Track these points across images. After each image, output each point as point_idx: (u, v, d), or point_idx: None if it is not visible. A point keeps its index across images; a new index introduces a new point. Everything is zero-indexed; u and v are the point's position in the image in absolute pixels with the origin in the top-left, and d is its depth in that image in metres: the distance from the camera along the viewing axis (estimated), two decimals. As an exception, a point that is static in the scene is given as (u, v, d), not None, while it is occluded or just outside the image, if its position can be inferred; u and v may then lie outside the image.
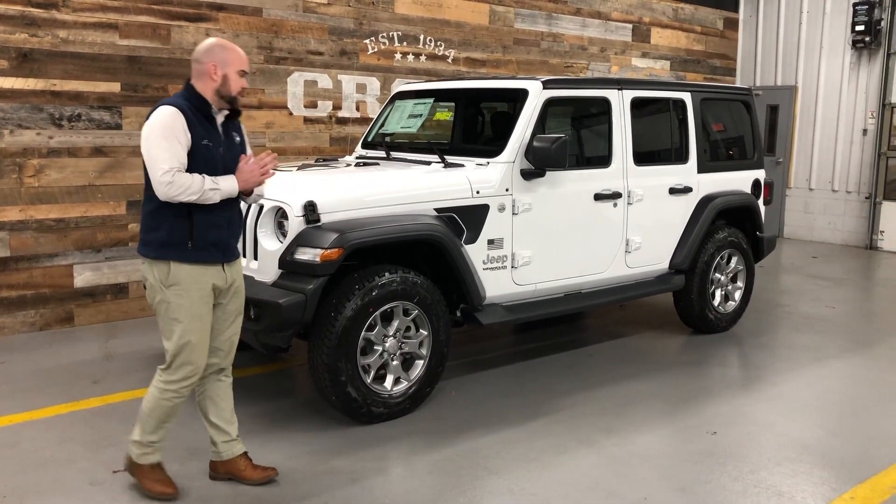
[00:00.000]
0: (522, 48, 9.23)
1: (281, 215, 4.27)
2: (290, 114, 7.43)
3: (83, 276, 6.36)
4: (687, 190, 5.93)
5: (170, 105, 3.26)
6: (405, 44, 8.17)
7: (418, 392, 4.48)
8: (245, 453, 3.70)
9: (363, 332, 4.19)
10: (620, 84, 5.53)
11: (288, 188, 4.39)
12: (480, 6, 8.76)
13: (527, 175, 4.92)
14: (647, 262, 5.75)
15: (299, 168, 4.98)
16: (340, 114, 7.79)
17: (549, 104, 5.08)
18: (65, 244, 6.25)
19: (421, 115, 5.67)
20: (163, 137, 3.20)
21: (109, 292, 6.51)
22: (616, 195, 5.43)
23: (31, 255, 6.12)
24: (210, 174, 3.30)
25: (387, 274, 4.26)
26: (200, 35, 6.75)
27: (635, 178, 5.56)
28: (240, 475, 3.66)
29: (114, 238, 6.46)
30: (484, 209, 4.76)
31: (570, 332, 6.34)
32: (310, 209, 4.15)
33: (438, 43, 8.42)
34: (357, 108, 7.90)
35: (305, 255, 4.05)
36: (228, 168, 3.40)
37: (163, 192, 3.20)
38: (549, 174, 4.96)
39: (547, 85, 5.07)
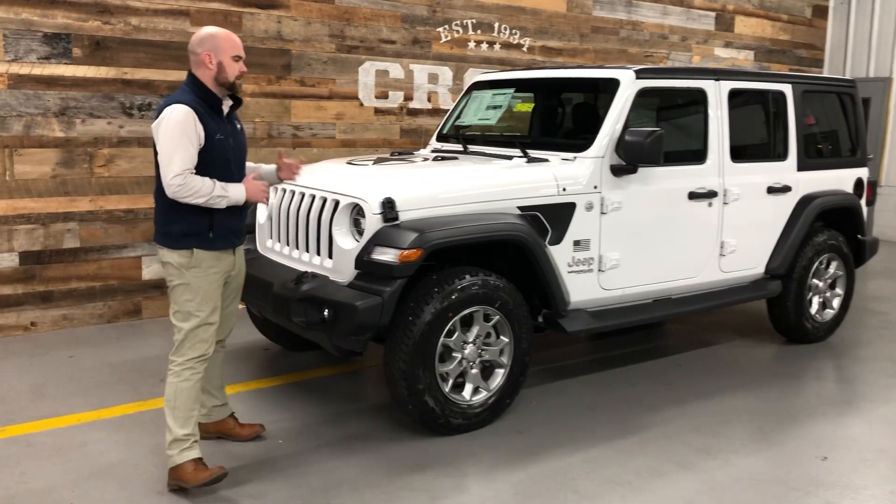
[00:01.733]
0: (600, 36, 8.83)
1: (357, 212, 4.02)
2: (361, 105, 7.20)
3: (151, 269, 6.25)
4: (786, 189, 5.49)
5: (182, 104, 3.31)
6: (479, 32, 7.86)
7: (498, 402, 4.19)
8: (232, 414, 3.97)
9: (442, 338, 3.93)
10: (717, 74, 5.14)
11: (365, 184, 4.14)
12: (558, -7, 8.40)
13: (617, 171, 4.58)
14: (742, 267, 5.34)
15: (375, 162, 4.73)
16: (412, 105, 7.54)
17: (641, 95, 4.72)
18: (133, 236, 6.15)
19: (500, 107, 5.36)
20: (177, 139, 3.26)
21: (177, 285, 6.38)
22: (711, 194, 5.04)
23: (101, 246, 6.03)
24: (223, 167, 3.41)
25: (467, 276, 3.98)
26: (272, 23, 6.57)
27: (732, 175, 5.16)
28: (230, 433, 3.94)
29: (182, 230, 6.32)
30: (570, 208, 4.44)
31: (653, 338, 5.98)
32: (388, 207, 3.89)
33: (514, 31, 8.09)
34: (428, 99, 7.64)
35: (383, 255, 3.80)
36: (237, 159, 3.53)
37: (172, 192, 3.29)
38: (640, 171, 4.61)
39: (640, 74, 4.71)
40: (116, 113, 5.96)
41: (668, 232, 4.89)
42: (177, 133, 3.27)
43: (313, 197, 4.27)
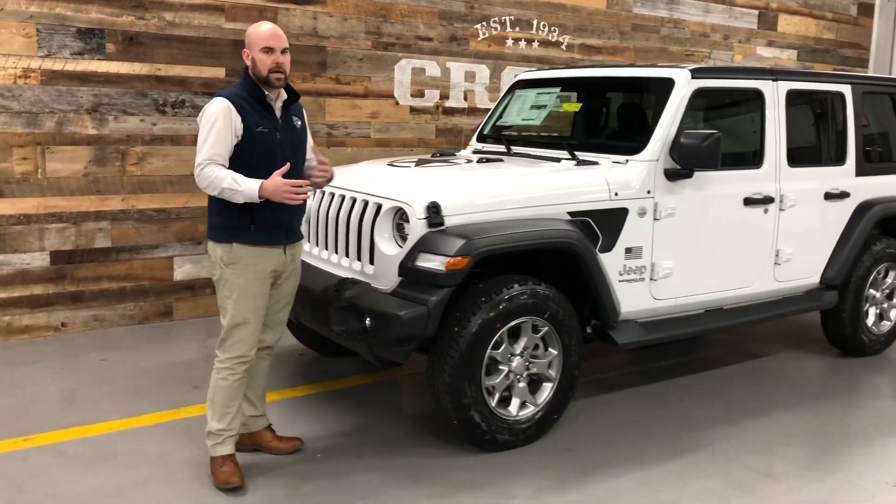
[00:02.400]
0: (641, 34, 8.58)
1: (401, 217, 3.84)
2: (397, 103, 7.02)
3: (183, 269, 6.13)
4: (843, 195, 5.23)
5: (221, 97, 3.32)
6: (517, 29, 7.65)
7: (545, 418, 3.99)
8: (270, 426, 3.81)
9: (488, 351, 3.74)
10: (775, 74, 4.90)
11: (408, 187, 3.96)
12: (598, -11, 8.16)
13: (671, 176, 4.36)
14: (797, 276, 5.10)
15: (417, 163, 4.54)
16: (448, 104, 7.34)
17: (696, 95, 4.50)
18: (165, 235, 6.03)
19: (545, 107, 5.15)
20: (208, 130, 3.26)
21: (209, 286, 6.26)
22: (767, 200, 4.80)
23: (132, 246, 5.91)
24: (267, 161, 3.31)
25: (516, 286, 3.78)
26: (308, 19, 6.41)
27: (788, 180, 4.91)
28: (267, 446, 3.77)
29: (214, 230, 6.18)
30: (622, 213, 4.23)
31: (699, 348, 5.74)
32: (433, 211, 3.71)
33: (552, 28, 7.87)
34: (465, 98, 7.44)
35: (428, 262, 3.61)
36: (287, 154, 3.40)
37: (196, 181, 3.31)
38: (695, 175, 4.39)
39: (696, 74, 4.49)
40: (149, 110, 5.83)
41: (722, 239, 4.66)
42: (208, 124, 3.27)
43: (354, 200, 4.10)
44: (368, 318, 3.65)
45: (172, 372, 4.86)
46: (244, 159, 3.32)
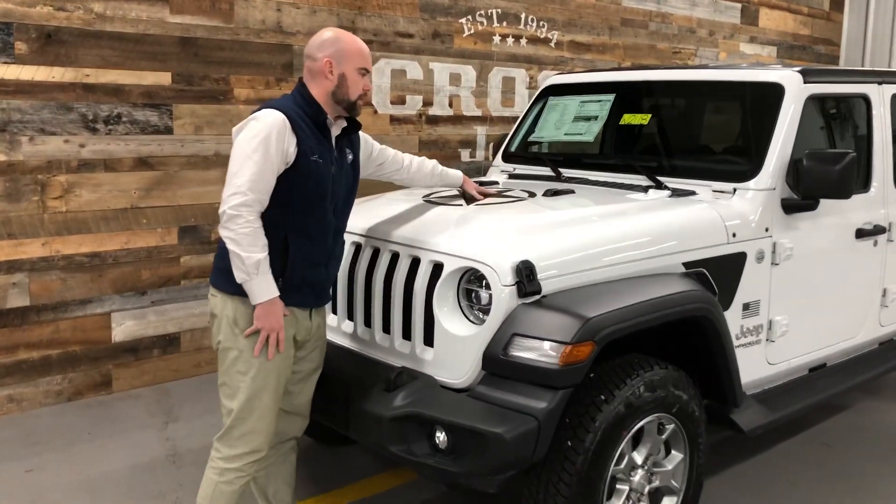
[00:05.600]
0: (630, 30, 7.70)
1: (470, 280, 2.74)
2: (375, 112, 5.88)
3: (123, 327, 4.82)
4: (942, 218, 4.43)
5: (275, 109, 2.62)
6: (504, 24, 6.63)
7: (669, 542, 2.98)
8: None
9: (611, 467, 2.68)
10: (880, 76, 4.04)
11: (478, 238, 2.85)
12: (588, -22, 7.22)
13: (790, 208, 3.42)
14: (900, 319, 4.27)
15: (468, 200, 3.41)
16: (431, 111, 6.25)
17: (808, 105, 3.57)
18: (100, 286, 4.71)
19: (596, 118, 4.13)
20: (251, 149, 2.54)
21: (157, 346, 4.98)
22: (878, 230, 3.93)
23: (58, 302, 4.58)
24: (318, 195, 2.67)
25: (641, 372, 2.74)
26: (270, 11, 5.20)
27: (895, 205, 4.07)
28: None
29: (162, 276, 4.92)
30: (740, 259, 3.26)
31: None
32: (526, 274, 2.62)
33: (541, 23, 6.88)
34: (450, 104, 6.37)
35: (531, 352, 2.53)
36: (338, 192, 2.76)
37: (221, 209, 2.55)
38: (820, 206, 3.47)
39: (807, 77, 3.56)
40: (76, 128, 4.51)
41: (834, 282, 3.77)
42: (254, 142, 2.54)
43: (394, 254, 2.97)
44: (446, 434, 2.54)
45: (129, 482, 3.59)
46: (288, 194, 2.60)
